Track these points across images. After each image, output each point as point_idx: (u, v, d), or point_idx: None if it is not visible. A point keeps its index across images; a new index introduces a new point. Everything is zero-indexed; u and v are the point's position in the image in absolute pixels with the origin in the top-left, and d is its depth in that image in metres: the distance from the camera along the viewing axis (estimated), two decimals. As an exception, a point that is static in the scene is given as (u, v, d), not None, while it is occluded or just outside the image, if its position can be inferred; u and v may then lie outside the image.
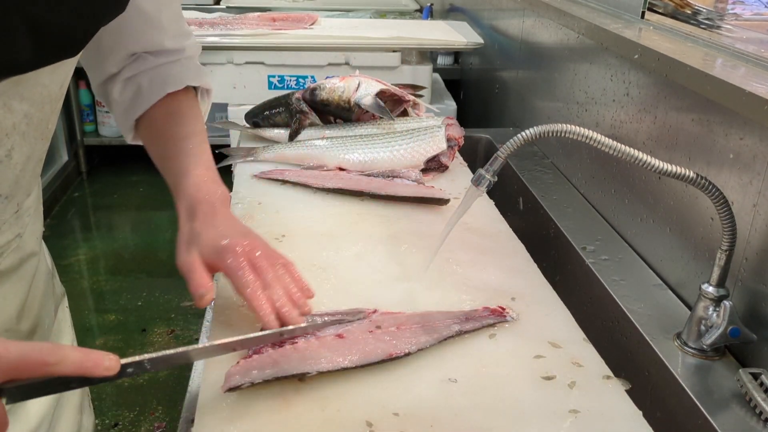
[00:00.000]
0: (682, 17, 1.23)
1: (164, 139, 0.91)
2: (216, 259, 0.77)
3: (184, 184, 0.85)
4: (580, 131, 0.80)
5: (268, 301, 0.75)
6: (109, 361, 0.58)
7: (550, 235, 1.23)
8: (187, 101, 0.95)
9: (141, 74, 0.93)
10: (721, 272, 0.84)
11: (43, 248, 0.95)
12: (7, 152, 0.69)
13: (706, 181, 0.80)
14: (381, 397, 0.71)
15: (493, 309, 0.85)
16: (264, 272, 0.77)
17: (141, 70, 0.93)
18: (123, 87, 0.93)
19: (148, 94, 0.93)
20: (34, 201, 0.84)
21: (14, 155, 0.71)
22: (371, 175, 1.20)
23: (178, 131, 0.91)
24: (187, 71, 0.95)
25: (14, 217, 0.78)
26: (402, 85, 1.46)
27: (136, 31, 0.90)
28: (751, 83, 0.83)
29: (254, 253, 0.78)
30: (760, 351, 0.84)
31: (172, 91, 0.92)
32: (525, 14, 1.73)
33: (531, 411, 0.70)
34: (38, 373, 0.55)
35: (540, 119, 1.61)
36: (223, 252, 0.77)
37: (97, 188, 3.57)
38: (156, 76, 0.93)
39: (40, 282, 0.90)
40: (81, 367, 0.56)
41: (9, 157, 0.70)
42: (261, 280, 0.76)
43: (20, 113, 0.69)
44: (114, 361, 0.58)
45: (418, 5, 3.00)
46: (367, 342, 0.76)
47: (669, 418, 0.84)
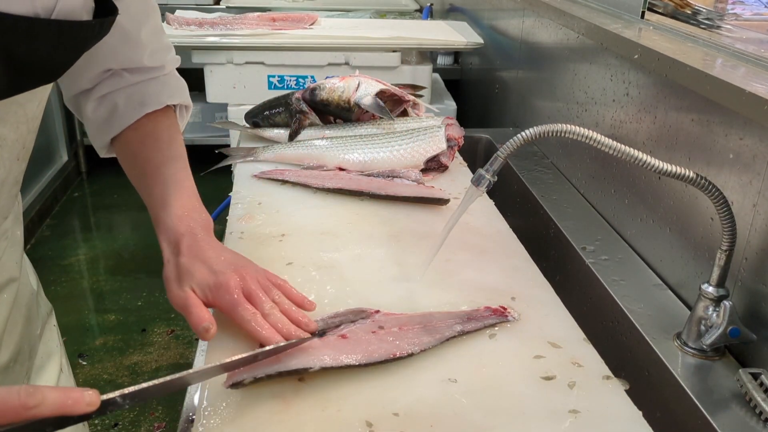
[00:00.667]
0: (682, 17, 1.23)
1: (141, 162, 0.88)
2: (212, 298, 0.76)
3: (163, 216, 0.82)
4: (580, 131, 0.80)
5: (271, 330, 0.74)
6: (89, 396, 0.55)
7: (550, 235, 1.23)
8: (166, 120, 0.91)
9: (117, 92, 0.89)
10: (721, 272, 0.84)
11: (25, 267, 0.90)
12: None
13: (706, 181, 0.80)
14: (381, 397, 0.71)
15: (494, 309, 0.85)
16: (261, 302, 0.76)
17: (117, 88, 0.89)
18: (97, 105, 0.89)
19: (124, 113, 0.89)
20: (11, 223, 0.81)
21: None
22: (371, 175, 1.20)
23: (156, 156, 0.87)
24: (165, 88, 0.91)
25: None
26: (402, 85, 1.46)
27: (114, 49, 0.86)
28: (751, 83, 0.83)
29: (248, 284, 0.77)
30: (760, 351, 0.84)
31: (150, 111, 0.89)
32: (525, 14, 1.73)
33: (531, 411, 0.70)
34: (19, 417, 0.52)
35: (540, 119, 1.61)
36: (216, 290, 0.76)
37: (97, 188, 3.57)
38: (133, 94, 0.89)
39: (21, 307, 0.87)
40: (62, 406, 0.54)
41: None
42: (260, 311, 0.75)
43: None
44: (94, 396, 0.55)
45: (418, 5, 3.00)
46: (370, 342, 0.76)
47: (669, 418, 0.84)
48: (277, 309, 0.76)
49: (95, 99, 0.89)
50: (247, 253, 0.96)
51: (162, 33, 0.92)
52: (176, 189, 0.84)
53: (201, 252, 0.79)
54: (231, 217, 1.07)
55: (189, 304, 0.74)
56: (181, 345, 2.36)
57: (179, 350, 2.34)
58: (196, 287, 0.76)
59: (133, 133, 0.89)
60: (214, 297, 0.76)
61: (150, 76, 0.91)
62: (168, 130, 0.90)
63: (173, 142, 0.89)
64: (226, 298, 0.75)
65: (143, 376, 2.20)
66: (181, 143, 0.91)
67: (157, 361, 2.28)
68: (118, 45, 0.85)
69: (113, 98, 0.89)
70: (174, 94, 0.92)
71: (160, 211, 0.83)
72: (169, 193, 0.84)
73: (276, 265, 0.93)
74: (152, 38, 0.89)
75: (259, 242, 1.00)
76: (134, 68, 0.89)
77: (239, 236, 1.01)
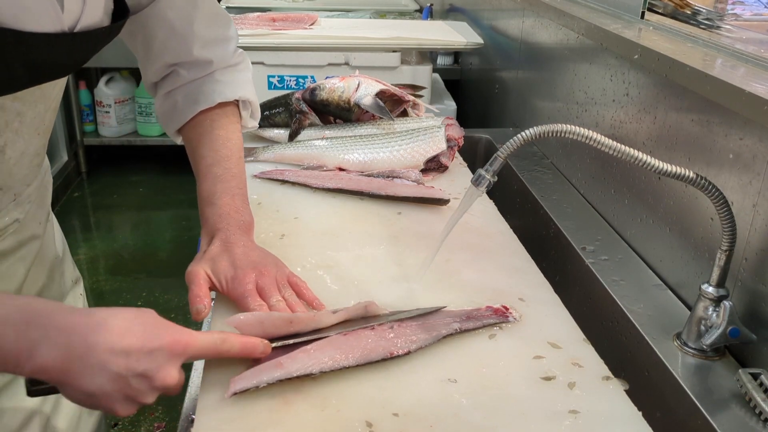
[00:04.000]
0: (681, 17, 1.23)
1: (197, 159, 0.93)
2: (226, 288, 0.81)
3: (208, 213, 0.88)
4: (579, 131, 0.80)
5: None
6: (263, 345, 0.71)
7: (550, 235, 1.23)
8: (224, 118, 0.95)
9: (177, 90, 0.94)
10: (721, 272, 0.84)
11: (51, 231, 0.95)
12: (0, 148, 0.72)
13: (706, 181, 0.80)
14: (381, 397, 0.71)
15: (495, 309, 0.85)
16: (269, 296, 0.80)
17: (177, 86, 0.94)
18: (162, 100, 0.96)
19: (182, 110, 0.94)
20: (35, 189, 0.86)
21: (7, 150, 0.73)
22: (371, 175, 1.20)
23: (209, 155, 0.92)
24: (219, 86, 0.94)
25: (12, 204, 0.80)
26: (402, 85, 1.46)
27: (163, 44, 0.91)
28: (750, 83, 0.83)
29: (264, 279, 0.81)
30: (760, 351, 0.84)
31: (205, 108, 0.93)
32: (525, 14, 1.73)
33: (531, 411, 0.70)
34: (214, 357, 0.71)
35: (540, 119, 1.61)
36: (232, 282, 0.81)
37: (97, 188, 3.57)
38: (190, 92, 0.94)
39: (43, 267, 0.91)
40: (244, 350, 0.70)
41: (2, 153, 0.72)
42: (266, 303, 0.79)
43: (12, 112, 0.71)
44: (268, 346, 0.72)
45: (418, 5, 2.99)
46: (368, 340, 0.76)
47: (669, 418, 0.84)
48: (283, 303, 0.79)
49: (161, 95, 0.96)
50: (247, 253, 0.96)
51: (216, 22, 0.95)
52: (223, 188, 0.89)
53: (230, 248, 0.83)
54: (231, 217, 1.07)
55: (195, 282, 0.80)
56: (181, 345, 2.36)
57: (179, 350, 2.33)
58: (212, 274, 0.81)
59: (192, 130, 0.95)
60: (229, 288, 0.81)
61: (204, 73, 0.94)
62: (224, 129, 0.94)
63: (227, 141, 0.93)
64: (239, 289, 0.80)
65: (143, 376, 2.20)
66: (235, 141, 0.94)
67: (157, 361, 2.28)
68: (166, 40, 0.90)
69: (174, 96, 0.95)
70: (230, 90, 0.95)
71: (206, 208, 0.89)
72: (215, 191, 0.89)
73: (276, 265, 0.93)
74: (204, 30, 0.92)
75: (259, 242, 1.00)
76: (187, 63, 0.93)
77: (239, 236, 1.01)
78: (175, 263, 2.87)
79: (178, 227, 3.23)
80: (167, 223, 3.29)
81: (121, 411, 0.64)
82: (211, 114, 0.94)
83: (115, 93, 3.52)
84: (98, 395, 0.62)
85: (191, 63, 0.94)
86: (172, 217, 3.34)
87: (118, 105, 3.55)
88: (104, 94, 3.50)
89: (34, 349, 0.59)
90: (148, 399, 0.65)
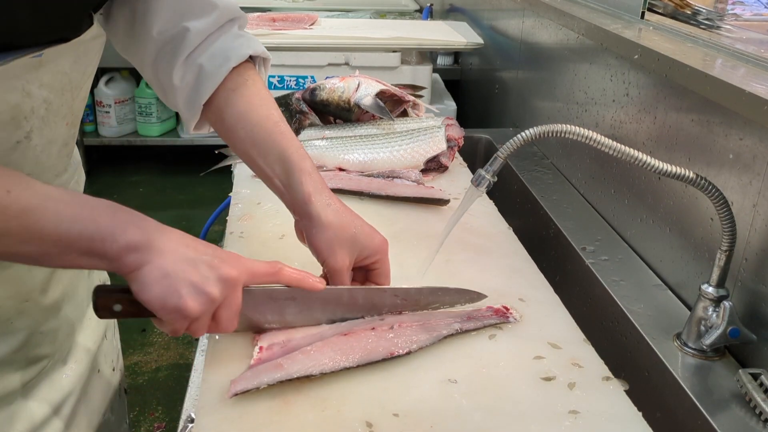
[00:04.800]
0: (681, 17, 1.23)
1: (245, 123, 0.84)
2: (365, 258, 0.82)
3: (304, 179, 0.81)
4: (579, 131, 0.80)
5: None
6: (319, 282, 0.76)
7: (550, 235, 1.23)
8: (254, 75, 0.87)
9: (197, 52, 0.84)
10: (721, 272, 0.84)
11: None
12: (26, 134, 0.70)
13: (706, 181, 0.80)
14: (381, 398, 0.71)
15: (496, 309, 0.85)
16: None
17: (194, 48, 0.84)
18: (183, 71, 0.84)
19: (210, 72, 0.84)
20: (66, 180, 0.84)
21: (33, 137, 0.72)
22: (371, 175, 1.20)
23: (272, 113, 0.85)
24: (242, 40, 0.87)
25: None
26: (402, 85, 1.46)
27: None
28: (750, 83, 0.83)
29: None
30: (760, 351, 0.84)
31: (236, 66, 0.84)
32: (525, 14, 1.73)
33: (531, 411, 0.70)
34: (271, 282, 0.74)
35: (540, 119, 1.61)
36: (373, 255, 0.82)
37: (97, 188, 3.56)
38: (215, 52, 0.84)
39: None
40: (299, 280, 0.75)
41: (28, 139, 0.71)
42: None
43: (39, 98, 0.70)
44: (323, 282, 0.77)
45: (418, 5, 2.99)
46: (368, 340, 0.76)
47: (669, 419, 0.84)
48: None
49: (180, 66, 0.84)
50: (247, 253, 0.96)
51: None
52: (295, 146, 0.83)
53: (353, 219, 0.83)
54: (231, 217, 1.07)
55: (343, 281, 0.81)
56: (180, 345, 2.36)
57: (179, 350, 2.34)
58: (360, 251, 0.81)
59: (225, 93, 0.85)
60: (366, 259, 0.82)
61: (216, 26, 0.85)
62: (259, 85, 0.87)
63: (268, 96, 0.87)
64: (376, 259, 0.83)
65: (143, 376, 2.20)
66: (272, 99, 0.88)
67: (156, 361, 2.28)
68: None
69: (195, 59, 0.84)
70: (253, 44, 0.87)
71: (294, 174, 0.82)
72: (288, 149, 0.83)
73: (276, 265, 0.93)
74: None
75: (259, 242, 1.00)
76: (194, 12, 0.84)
77: (239, 236, 1.01)
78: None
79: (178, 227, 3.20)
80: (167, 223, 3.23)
81: (189, 301, 0.65)
82: (241, 71, 0.85)
83: (115, 93, 3.52)
84: (172, 275, 0.65)
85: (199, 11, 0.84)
86: (172, 217, 3.33)
87: (118, 105, 3.55)
88: (104, 94, 3.50)
89: (125, 227, 0.64)
90: (212, 289, 0.66)
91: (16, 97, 0.67)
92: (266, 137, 0.83)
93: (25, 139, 0.71)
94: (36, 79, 0.69)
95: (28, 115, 0.70)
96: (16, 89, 0.67)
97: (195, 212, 3.27)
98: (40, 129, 0.72)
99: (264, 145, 0.83)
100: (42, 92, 0.71)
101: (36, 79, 0.69)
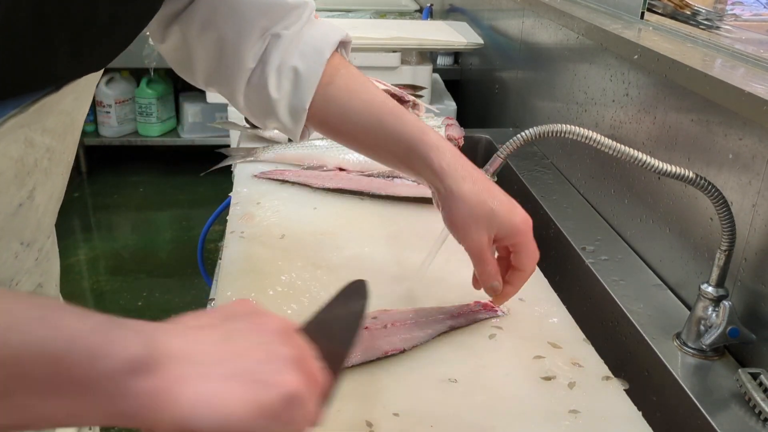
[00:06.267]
0: (681, 18, 1.23)
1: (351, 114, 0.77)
2: (504, 238, 0.75)
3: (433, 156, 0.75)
4: (579, 131, 0.80)
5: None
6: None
7: (550, 235, 1.23)
8: (342, 61, 0.80)
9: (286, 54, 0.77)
10: (721, 272, 0.84)
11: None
12: (29, 193, 0.58)
13: (706, 181, 0.80)
14: (381, 397, 0.71)
15: (484, 304, 0.85)
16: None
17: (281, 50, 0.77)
18: (277, 79, 0.76)
19: (308, 70, 0.76)
20: (51, 243, 0.72)
21: (36, 196, 0.60)
22: (371, 175, 1.20)
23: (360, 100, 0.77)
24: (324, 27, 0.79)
25: (35, 264, 0.66)
26: (402, 85, 1.46)
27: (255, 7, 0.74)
28: (750, 83, 0.83)
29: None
30: (760, 351, 0.84)
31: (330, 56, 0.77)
32: (525, 14, 1.73)
33: (531, 411, 0.70)
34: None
35: (540, 119, 1.61)
36: (514, 234, 0.75)
37: (97, 188, 3.57)
38: (304, 49, 0.77)
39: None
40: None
41: (31, 199, 0.59)
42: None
43: (42, 148, 0.59)
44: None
45: (418, 5, 2.99)
46: (363, 340, 0.76)
47: (669, 418, 0.84)
48: None
49: (273, 73, 0.76)
50: (247, 253, 0.97)
51: None
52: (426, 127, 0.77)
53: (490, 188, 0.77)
54: (231, 217, 1.07)
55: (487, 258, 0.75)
56: (181, 345, 2.36)
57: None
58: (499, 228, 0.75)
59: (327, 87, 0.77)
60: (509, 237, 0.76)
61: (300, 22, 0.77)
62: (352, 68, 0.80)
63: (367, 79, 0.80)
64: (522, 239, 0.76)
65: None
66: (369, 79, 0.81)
67: None
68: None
69: (287, 62, 0.76)
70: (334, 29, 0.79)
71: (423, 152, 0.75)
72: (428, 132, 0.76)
73: (276, 264, 0.93)
74: None
75: (259, 242, 1.00)
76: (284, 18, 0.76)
77: (239, 236, 1.01)
78: (175, 263, 2.87)
79: (178, 227, 3.23)
80: (167, 223, 3.29)
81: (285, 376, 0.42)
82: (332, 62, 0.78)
83: (116, 93, 3.53)
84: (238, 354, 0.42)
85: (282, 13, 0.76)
86: (172, 217, 3.34)
87: (119, 105, 3.55)
88: (104, 95, 3.50)
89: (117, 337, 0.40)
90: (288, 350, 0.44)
91: (19, 150, 0.55)
92: (376, 122, 0.77)
93: (28, 200, 0.58)
94: (39, 125, 0.56)
95: (31, 169, 0.58)
96: (19, 140, 0.54)
97: (195, 212, 3.27)
98: (43, 184, 0.61)
99: (377, 131, 0.77)
100: (45, 139, 0.59)
101: (39, 125, 0.56)
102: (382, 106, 0.77)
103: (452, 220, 0.75)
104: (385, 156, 0.79)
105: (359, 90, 0.78)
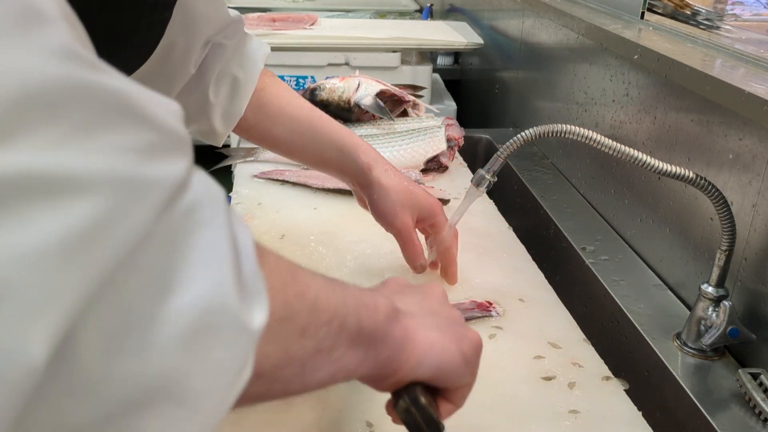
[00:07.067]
0: (681, 18, 1.23)
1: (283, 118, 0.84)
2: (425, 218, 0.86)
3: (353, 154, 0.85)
4: (579, 131, 0.80)
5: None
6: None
7: (550, 235, 1.23)
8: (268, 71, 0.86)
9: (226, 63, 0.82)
10: (721, 272, 0.84)
11: None
12: None
13: (706, 181, 0.80)
14: (381, 397, 0.71)
15: (479, 303, 0.85)
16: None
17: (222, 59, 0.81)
18: (216, 86, 0.81)
19: (245, 79, 0.82)
20: None
21: None
22: (371, 175, 1.20)
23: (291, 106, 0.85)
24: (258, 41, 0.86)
25: None
26: (402, 85, 1.46)
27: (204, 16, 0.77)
28: (750, 83, 0.83)
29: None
30: (760, 351, 0.84)
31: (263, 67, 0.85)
32: (525, 15, 1.73)
33: (531, 411, 0.70)
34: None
35: (540, 119, 1.61)
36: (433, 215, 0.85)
37: (97, 188, 3.56)
38: (241, 58, 0.83)
39: None
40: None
41: None
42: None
43: None
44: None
45: (418, 5, 2.99)
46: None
47: (669, 418, 0.84)
48: None
49: (213, 82, 0.81)
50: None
51: None
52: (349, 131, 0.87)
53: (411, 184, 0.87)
54: (231, 217, 1.07)
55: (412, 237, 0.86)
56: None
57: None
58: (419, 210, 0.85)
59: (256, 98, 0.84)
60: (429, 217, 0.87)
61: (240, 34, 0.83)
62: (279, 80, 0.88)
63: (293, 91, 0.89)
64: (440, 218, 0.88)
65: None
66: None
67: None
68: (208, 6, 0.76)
69: (228, 70, 0.82)
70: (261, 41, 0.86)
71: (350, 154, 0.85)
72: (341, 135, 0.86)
73: (276, 265, 0.93)
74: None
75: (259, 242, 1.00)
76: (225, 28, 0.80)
77: (239, 236, 1.01)
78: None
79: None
80: (167, 223, 3.29)
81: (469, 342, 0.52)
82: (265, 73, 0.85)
83: (115, 93, 3.53)
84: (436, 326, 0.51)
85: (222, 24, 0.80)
86: (172, 217, 3.33)
87: (118, 105, 3.55)
88: (104, 95, 3.50)
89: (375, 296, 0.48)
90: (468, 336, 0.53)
91: None
92: (308, 126, 0.85)
93: None
94: None
95: None
96: None
97: (195, 212, 3.26)
98: None
99: (309, 135, 0.84)
100: None
101: None
102: (312, 111, 0.86)
103: (381, 208, 0.84)
104: (312, 157, 0.86)
105: (289, 97, 0.86)
